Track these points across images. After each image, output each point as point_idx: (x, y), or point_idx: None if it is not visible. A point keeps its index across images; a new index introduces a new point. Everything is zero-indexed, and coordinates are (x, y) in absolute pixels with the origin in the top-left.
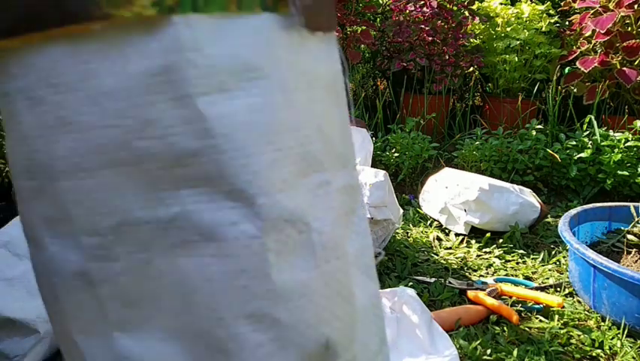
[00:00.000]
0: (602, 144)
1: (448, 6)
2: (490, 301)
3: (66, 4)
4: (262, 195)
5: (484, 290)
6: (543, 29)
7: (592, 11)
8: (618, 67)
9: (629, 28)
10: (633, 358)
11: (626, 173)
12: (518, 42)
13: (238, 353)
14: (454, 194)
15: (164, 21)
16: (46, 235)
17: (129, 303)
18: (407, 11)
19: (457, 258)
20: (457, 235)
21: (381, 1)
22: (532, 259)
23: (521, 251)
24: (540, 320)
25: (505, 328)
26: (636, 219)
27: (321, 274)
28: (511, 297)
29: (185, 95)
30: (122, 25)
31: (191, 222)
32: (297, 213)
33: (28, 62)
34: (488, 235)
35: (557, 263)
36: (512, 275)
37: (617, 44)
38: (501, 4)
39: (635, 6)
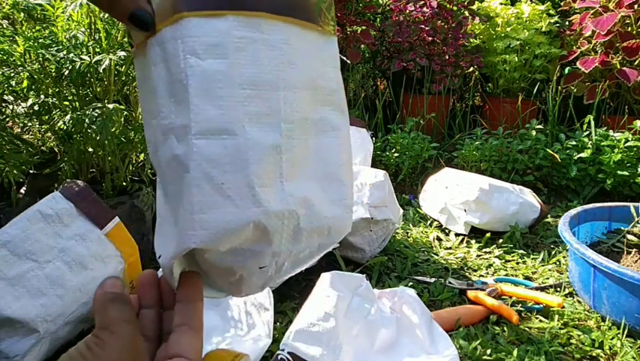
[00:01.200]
0: (602, 144)
1: (448, 6)
2: (490, 301)
3: (310, 15)
4: (346, 113)
5: (484, 290)
6: (543, 29)
7: (592, 11)
8: (618, 67)
9: (629, 29)
10: (633, 358)
11: (626, 173)
12: (518, 42)
13: (346, 182)
14: (454, 194)
15: (333, 37)
16: (247, 125)
17: (294, 164)
18: (407, 11)
19: (457, 258)
20: (457, 235)
21: (381, 1)
22: (532, 259)
23: (521, 251)
24: (540, 320)
25: (505, 328)
26: (636, 219)
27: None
28: (511, 297)
29: (336, 66)
30: (321, 32)
31: (327, 122)
32: None
33: (276, 27)
34: (488, 235)
35: (557, 263)
36: (512, 275)
37: (617, 44)
38: (501, 4)
39: (635, 6)
